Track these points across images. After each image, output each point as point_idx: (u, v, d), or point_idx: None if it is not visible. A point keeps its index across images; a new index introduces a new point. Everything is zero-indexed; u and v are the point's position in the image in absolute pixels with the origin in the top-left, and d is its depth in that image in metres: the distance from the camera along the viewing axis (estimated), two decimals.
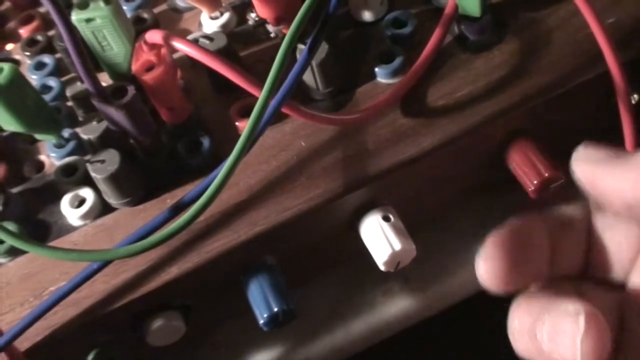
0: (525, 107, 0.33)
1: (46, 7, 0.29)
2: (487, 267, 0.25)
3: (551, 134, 0.34)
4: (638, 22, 0.34)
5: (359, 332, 0.37)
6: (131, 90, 0.31)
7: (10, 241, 0.29)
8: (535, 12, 0.35)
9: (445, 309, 0.38)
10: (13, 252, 0.32)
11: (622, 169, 0.25)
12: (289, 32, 0.29)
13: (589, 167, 0.26)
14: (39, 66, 0.39)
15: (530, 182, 0.33)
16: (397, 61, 0.34)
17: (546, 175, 0.33)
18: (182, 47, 0.31)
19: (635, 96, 0.35)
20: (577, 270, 0.28)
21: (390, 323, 0.37)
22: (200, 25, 0.38)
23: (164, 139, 0.34)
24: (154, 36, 0.31)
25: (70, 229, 0.33)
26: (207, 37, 0.35)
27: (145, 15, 0.38)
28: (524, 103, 0.33)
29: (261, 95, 0.28)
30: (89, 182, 0.33)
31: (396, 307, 0.38)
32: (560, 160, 0.33)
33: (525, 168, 0.33)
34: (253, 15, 0.38)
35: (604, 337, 0.24)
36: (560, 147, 0.34)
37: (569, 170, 0.32)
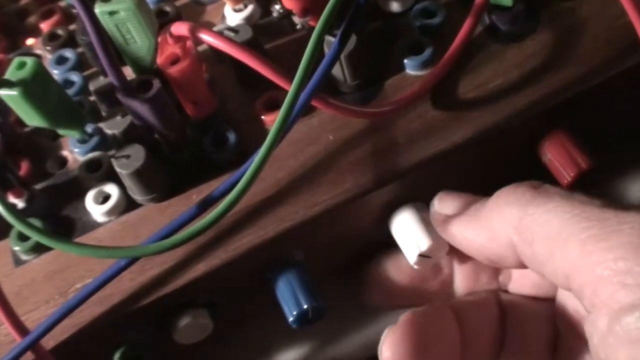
0: (560, 99, 0.32)
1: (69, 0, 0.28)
2: (391, 353, 0.28)
3: (587, 125, 0.33)
4: None
5: None
6: (156, 83, 0.30)
7: (37, 238, 0.28)
8: (569, 1, 0.34)
9: None
10: (37, 249, 0.32)
11: (477, 222, 0.28)
12: (319, 23, 0.28)
13: (446, 220, 0.30)
14: (61, 61, 0.38)
15: (566, 175, 0.32)
16: (427, 52, 0.33)
17: (584, 167, 0.32)
18: (209, 40, 0.30)
19: None
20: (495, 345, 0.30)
21: None
22: (223, 17, 0.38)
23: (189, 133, 0.34)
24: (180, 28, 0.31)
25: (95, 225, 0.33)
26: (231, 29, 0.34)
27: (168, 8, 0.38)
28: (559, 94, 0.32)
29: (292, 88, 0.28)
30: (113, 177, 0.32)
31: None
32: (596, 152, 0.32)
33: (562, 160, 0.32)
34: (277, 7, 0.37)
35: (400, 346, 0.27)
36: (597, 139, 0.33)
37: (604, 161, 0.32)
